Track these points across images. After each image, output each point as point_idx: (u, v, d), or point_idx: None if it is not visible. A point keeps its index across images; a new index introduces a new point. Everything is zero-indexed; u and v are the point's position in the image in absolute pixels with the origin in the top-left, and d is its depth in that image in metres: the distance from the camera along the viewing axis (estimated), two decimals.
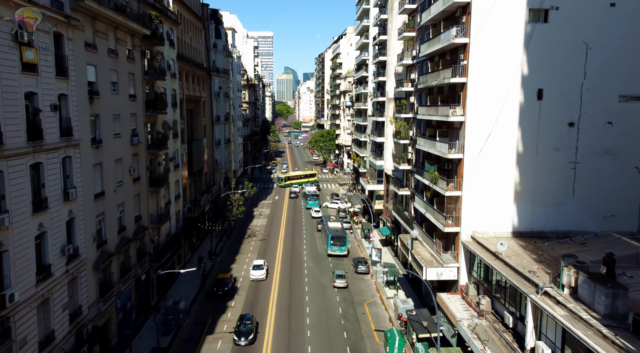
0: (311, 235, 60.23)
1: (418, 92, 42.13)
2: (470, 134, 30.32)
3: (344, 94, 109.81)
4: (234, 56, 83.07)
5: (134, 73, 33.68)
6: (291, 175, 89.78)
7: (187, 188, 49.86)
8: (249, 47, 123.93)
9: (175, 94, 45.25)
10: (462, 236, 31.03)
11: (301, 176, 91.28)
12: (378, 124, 63.30)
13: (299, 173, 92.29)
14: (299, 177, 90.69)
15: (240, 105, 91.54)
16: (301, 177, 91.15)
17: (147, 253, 36.03)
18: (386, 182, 57.84)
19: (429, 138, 35.40)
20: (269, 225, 64.81)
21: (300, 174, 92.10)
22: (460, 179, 31.05)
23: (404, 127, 45.16)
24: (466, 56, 30.25)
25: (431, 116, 34.72)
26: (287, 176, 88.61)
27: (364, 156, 75.04)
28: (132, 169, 32.72)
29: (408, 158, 44.83)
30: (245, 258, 50.45)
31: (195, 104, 56.31)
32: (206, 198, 54.64)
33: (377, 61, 61.14)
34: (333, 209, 75.46)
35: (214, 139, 64.85)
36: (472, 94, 30.02)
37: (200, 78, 57.03)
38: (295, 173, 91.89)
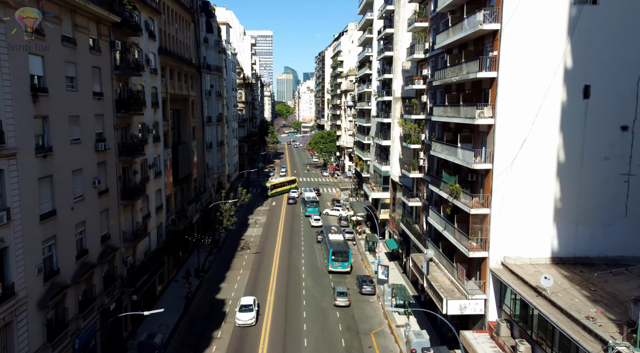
0: (310, 247, 55.04)
1: (432, 90, 36.97)
2: (501, 139, 25.15)
3: (345, 94, 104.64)
4: (228, 52, 77.93)
5: (100, 67, 28.50)
6: (276, 182, 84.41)
7: (172, 197, 44.68)
8: (246, 45, 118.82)
9: (156, 93, 40.09)
10: (490, 262, 25.84)
11: (284, 183, 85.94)
12: (383, 126, 58.11)
13: (282, 180, 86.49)
14: (282, 184, 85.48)
15: (235, 105, 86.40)
16: (284, 184, 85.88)
17: (118, 277, 30.87)
18: (392, 189, 52.66)
19: (448, 144, 30.22)
20: (264, 235, 59.62)
21: (283, 181, 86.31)
22: (488, 194, 25.87)
23: (414, 130, 40.00)
24: (496, 46, 25.07)
25: (450, 117, 29.53)
26: (272, 185, 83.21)
27: (367, 159, 69.84)
28: (97, 181, 27.54)
29: (419, 165, 39.65)
30: (236, 276, 45.23)
31: (183, 103, 51.17)
32: (194, 207, 49.47)
33: (382, 56, 55.97)
34: (334, 217, 70.27)
35: (205, 142, 59.70)
36: (503, 92, 24.83)
37: (188, 75, 51.87)
38: (279, 180, 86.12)
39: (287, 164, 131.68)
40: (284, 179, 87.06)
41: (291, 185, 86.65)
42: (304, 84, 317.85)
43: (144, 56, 36.62)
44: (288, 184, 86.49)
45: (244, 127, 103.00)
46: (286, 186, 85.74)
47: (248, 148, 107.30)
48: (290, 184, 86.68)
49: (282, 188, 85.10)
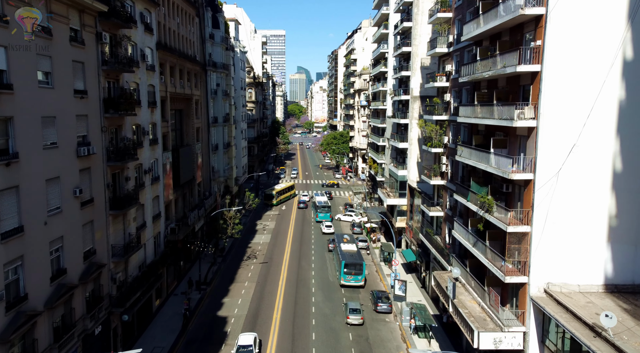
0: (321, 257, 51.46)
1: (456, 87, 33.15)
2: (545, 145, 21.29)
3: (358, 93, 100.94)
4: (236, 50, 74.73)
5: (83, 61, 25.27)
6: (279, 189, 77.91)
7: (172, 204, 41.47)
8: (256, 43, 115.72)
9: (154, 91, 36.88)
10: (531, 289, 22.00)
11: (285, 190, 79.82)
12: (400, 127, 54.32)
13: (284, 186, 79.93)
14: (284, 191, 79.26)
15: (244, 105, 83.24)
16: (285, 191, 79.79)
17: (106, 296, 27.64)
18: (410, 196, 48.86)
19: (477, 149, 26.39)
20: (272, 243, 56.20)
21: (284, 187, 79.84)
22: (528, 209, 22.02)
23: (435, 132, 36.18)
24: (539, 34, 21.21)
25: (481, 119, 25.70)
26: (277, 192, 76.62)
27: (382, 162, 66.03)
28: (79, 190, 24.30)
29: (442, 171, 35.83)
30: (241, 289, 41.83)
31: (186, 103, 47.99)
32: (197, 213, 46.22)
33: (399, 52, 52.16)
34: (347, 223, 66.61)
35: (210, 144, 56.51)
36: (548, 89, 20.98)
37: (191, 73, 48.67)
38: (281, 186, 79.49)
39: (299, 165, 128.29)
40: (285, 185, 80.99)
41: (291, 191, 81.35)
42: (317, 84, 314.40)
43: (138, 51, 33.40)
44: (289, 190, 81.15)
45: (254, 127, 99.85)
46: (287, 192, 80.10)
47: (258, 149, 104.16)
48: (290, 191, 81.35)
49: (286, 195, 79.50)
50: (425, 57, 47.26)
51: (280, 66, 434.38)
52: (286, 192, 79.37)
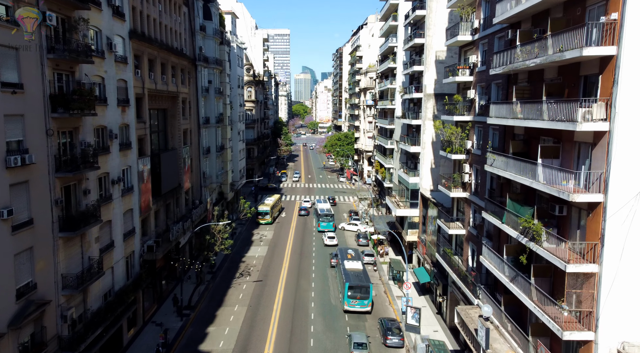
0: (322, 274, 45.95)
1: (483, 82, 27.57)
2: (622, 155, 15.70)
3: (364, 92, 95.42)
4: (233, 45, 69.42)
5: (16, 47, 19.94)
6: (272, 203, 65.81)
7: (151, 217, 36.13)
8: (257, 40, 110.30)
9: (126, 87, 31.54)
10: (599, 349, 16.38)
11: (276, 203, 68.40)
12: (410, 129, 48.76)
13: (274, 200, 67.88)
14: (275, 205, 67.56)
15: (242, 104, 77.91)
16: (276, 205, 68.56)
17: (52, 340, 22.29)
18: (423, 206, 43.30)
19: (516, 158, 20.80)
20: (269, 256, 50.76)
21: (275, 201, 67.94)
22: (595, 242, 16.42)
23: (456, 135, 30.60)
24: (614, 5, 15.61)
25: (523, 120, 20.10)
26: (272, 207, 64.91)
27: (390, 167, 60.47)
28: (6, 212, 18.97)
29: (464, 181, 30.24)
30: (229, 315, 36.39)
31: (171, 102, 42.68)
32: (182, 226, 40.85)
33: (410, 45, 46.59)
34: (351, 233, 61.10)
35: (200, 147, 51.18)
36: (628, 79, 15.38)
37: (177, 68, 43.33)
38: (272, 200, 67.36)
39: (302, 168, 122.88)
40: (275, 198, 68.86)
41: (279, 205, 71.23)
42: (322, 84, 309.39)
43: (103, 39, 28.05)
44: (278, 203, 70.67)
45: (254, 128, 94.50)
46: (277, 206, 69.46)
47: (258, 151, 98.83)
48: (279, 204, 71.35)
49: (277, 208, 69.32)
50: (441, 50, 41.76)
51: (285, 66, 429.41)
52: (277, 206, 68.76)
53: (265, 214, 63.68)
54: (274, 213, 65.94)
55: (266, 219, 63.69)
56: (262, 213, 63.63)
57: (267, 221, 63.54)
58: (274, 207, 66.24)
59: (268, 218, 63.71)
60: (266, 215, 63.73)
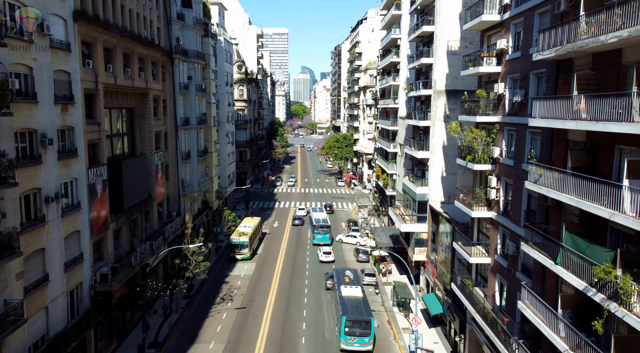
0: (316, 298, 39.85)
1: (519, 72, 21.54)
2: None
3: (363, 91, 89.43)
4: (220, 38, 63.35)
5: None
6: (250, 231, 49.98)
7: (108, 237, 30.02)
8: (251, 35, 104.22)
9: (70, 80, 25.46)
10: None
11: (257, 229, 52.91)
12: (417, 131, 42.75)
13: (254, 224, 52.56)
14: (256, 232, 52.64)
15: (231, 103, 71.85)
16: (257, 230, 53.31)
17: None
18: (432, 221, 37.30)
19: (580, 176, 14.74)
20: (256, 276, 44.67)
21: (255, 225, 52.33)
22: None
23: (479, 140, 24.53)
24: None
25: (591, 122, 14.02)
26: (251, 236, 49.26)
27: (392, 173, 54.45)
28: None
29: (489, 198, 24.17)
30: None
31: (139, 100, 36.68)
32: (151, 245, 34.72)
33: (417, 34, 40.54)
34: (350, 246, 55.07)
35: (179, 152, 45.13)
36: None
37: (147, 61, 37.28)
38: (252, 224, 52.25)
39: (298, 171, 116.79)
40: (255, 222, 53.63)
41: (260, 229, 55.90)
42: (320, 83, 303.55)
43: (30, 19, 21.96)
44: (259, 227, 54.84)
45: (246, 129, 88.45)
46: (258, 231, 54.33)
47: (251, 153, 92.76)
48: (260, 227, 55.76)
49: (258, 235, 54.09)
50: (454, 39, 35.81)
51: (283, 65, 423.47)
52: (257, 233, 52.87)
53: (241, 247, 47.79)
54: (254, 244, 50.61)
55: (243, 254, 47.85)
56: (238, 246, 47.75)
57: (244, 256, 47.83)
58: (254, 235, 50.84)
59: (245, 253, 47.87)
60: (243, 248, 47.80)
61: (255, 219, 55.29)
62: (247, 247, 48.08)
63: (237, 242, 48.15)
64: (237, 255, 48.21)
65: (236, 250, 48.14)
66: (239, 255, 48.19)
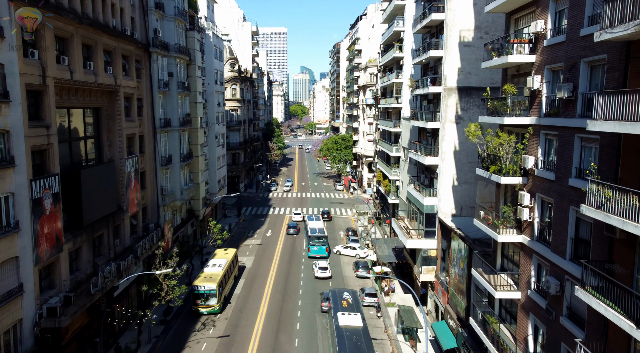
0: (310, 324, 35.13)
1: (563, 60, 16.87)
2: None
3: (363, 90, 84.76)
4: (208, 33, 58.69)
5: None
6: (221, 272, 37.07)
7: (60, 262, 25.31)
8: (245, 33, 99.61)
9: (3, 73, 20.79)
10: None
11: (229, 269, 39.50)
12: (424, 133, 38.10)
13: (225, 263, 38.93)
14: (228, 272, 39.04)
15: (222, 103, 67.15)
16: (230, 269, 39.93)
17: None
18: (442, 236, 32.66)
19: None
20: (244, 295, 39.95)
21: (227, 265, 38.79)
22: None
23: (507, 147, 19.83)
24: None
25: None
26: (216, 281, 35.48)
27: (395, 179, 49.78)
28: None
29: (521, 219, 19.47)
30: None
31: (107, 98, 32.03)
32: (119, 266, 29.99)
33: (424, 24, 35.88)
34: (349, 258, 50.39)
35: (158, 156, 40.43)
36: None
37: (117, 54, 32.58)
38: (218, 267, 38.00)
39: (295, 174, 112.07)
40: (229, 257, 40.82)
41: (234, 267, 42.04)
42: (319, 83, 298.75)
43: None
44: (233, 264, 41.49)
45: (239, 131, 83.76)
46: (232, 271, 40.61)
47: (245, 156, 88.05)
48: (235, 264, 42.37)
49: (231, 278, 40.16)
50: (467, 28, 31.32)
51: (282, 65, 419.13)
52: (229, 273, 39.54)
53: (207, 296, 34.75)
54: (225, 289, 37.27)
55: (210, 306, 34.86)
56: (203, 295, 34.79)
57: (211, 309, 34.91)
58: (226, 277, 37.63)
59: (213, 304, 34.87)
60: (210, 298, 34.74)
61: (229, 252, 42.24)
62: (215, 296, 34.77)
63: (202, 291, 34.73)
64: (201, 308, 34.83)
65: (199, 302, 34.85)
66: (203, 309, 34.83)
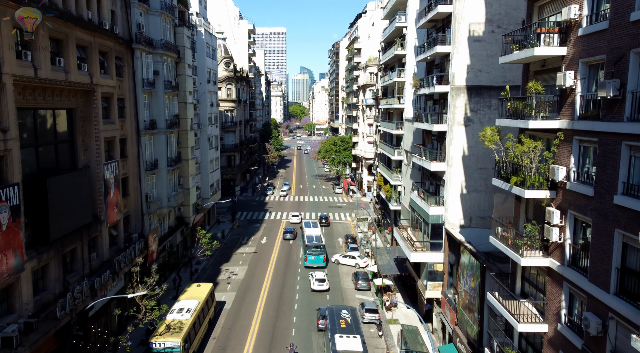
0: (306, 346, 32.16)
1: (607, 52, 13.97)
2: None
3: (363, 90, 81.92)
4: (200, 29, 55.82)
5: None
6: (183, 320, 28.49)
7: (21, 282, 22.38)
8: (241, 31, 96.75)
9: None
10: None
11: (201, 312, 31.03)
12: (429, 137, 35.23)
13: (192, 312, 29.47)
14: (200, 318, 30.68)
15: (215, 104, 64.25)
16: (203, 313, 31.48)
17: None
18: (450, 249, 29.78)
19: None
20: (234, 310, 37.07)
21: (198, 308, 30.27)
22: None
23: (531, 155, 16.93)
24: None
25: None
26: (181, 335, 26.77)
27: (397, 184, 46.90)
28: None
29: (548, 239, 16.57)
30: None
31: (82, 98, 29.11)
32: (91, 284, 27.07)
33: (429, 18, 33.03)
34: (348, 268, 47.50)
35: (142, 161, 37.54)
36: None
37: (94, 50, 29.65)
38: (187, 314, 29.15)
39: (293, 176, 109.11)
40: (197, 304, 30.75)
41: (210, 307, 33.69)
42: (319, 84, 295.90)
43: None
44: (208, 303, 33.28)
45: (234, 132, 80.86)
46: (205, 315, 32.12)
47: (241, 158, 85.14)
48: (210, 302, 34.03)
49: (204, 327, 31.41)
50: (477, 22, 28.61)
51: (281, 65, 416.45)
52: (206, 310, 32.37)
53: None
54: (195, 340, 28.90)
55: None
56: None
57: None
58: (194, 328, 29.02)
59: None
60: None
61: (203, 289, 33.78)
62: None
63: (160, 350, 26.17)
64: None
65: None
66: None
